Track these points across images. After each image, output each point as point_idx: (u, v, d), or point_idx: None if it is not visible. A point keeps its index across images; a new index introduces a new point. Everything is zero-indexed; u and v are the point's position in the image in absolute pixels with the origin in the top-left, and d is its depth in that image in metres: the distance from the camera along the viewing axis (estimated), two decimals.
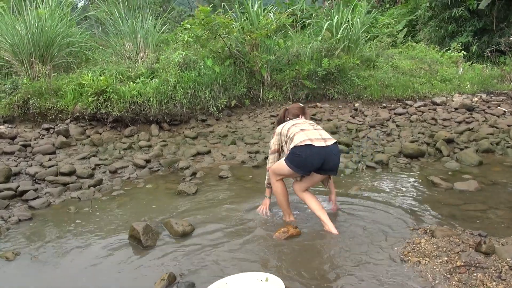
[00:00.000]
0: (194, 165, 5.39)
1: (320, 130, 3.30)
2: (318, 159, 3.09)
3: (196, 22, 7.76)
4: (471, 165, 4.88)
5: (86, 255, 3.01)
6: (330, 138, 3.21)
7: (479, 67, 9.72)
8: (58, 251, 3.09)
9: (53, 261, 2.93)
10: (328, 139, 3.18)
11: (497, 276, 2.39)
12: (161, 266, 2.76)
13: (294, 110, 3.68)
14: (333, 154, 3.16)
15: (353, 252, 2.88)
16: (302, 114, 3.66)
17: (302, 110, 3.71)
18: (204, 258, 2.85)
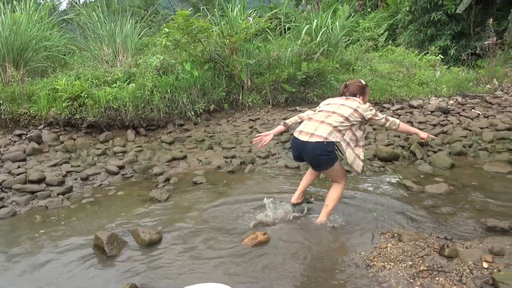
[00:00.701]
0: (169, 170, 5.32)
1: (322, 124, 3.20)
2: (295, 151, 3.38)
3: (175, 26, 7.70)
4: (444, 168, 4.92)
5: (47, 267, 2.92)
6: (320, 135, 3.13)
7: (456, 70, 9.88)
8: (17, 263, 3.00)
9: (11, 274, 2.84)
10: (317, 135, 3.14)
11: (458, 280, 2.40)
12: (123, 277, 2.70)
13: (353, 87, 3.44)
14: (308, 150, 3.17)
15: (319, 257, 2.86)
16: (360, 95, 3.42)
17: (361, 90, 3.44)
18: (169, 268, 2.80)
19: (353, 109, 3.24)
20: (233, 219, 3.61)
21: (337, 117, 3.20)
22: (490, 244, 2.76)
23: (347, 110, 3.24)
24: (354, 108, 3.25)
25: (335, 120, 3.19)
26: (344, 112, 3.23)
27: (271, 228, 3.36)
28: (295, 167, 5.22)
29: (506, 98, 8.08)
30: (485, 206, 3.67)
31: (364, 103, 3.37)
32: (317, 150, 3.13)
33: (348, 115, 3.21)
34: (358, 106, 3.27)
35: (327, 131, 3.15)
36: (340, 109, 3.26)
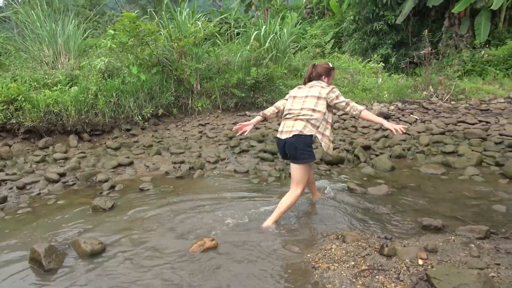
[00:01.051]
0: (114, 177, 5.14)
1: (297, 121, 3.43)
2: (280, 150, 3.63)
3: (121, 28, 7.48)
4: (385, 170, 5.18)
5: None
6: (295, 130, 3.39)
7: (396, 77, 10.45)
8: None
9: None
10: (293, 131, 3.41)
11: (396, 277, 2.52)
12: None
13: (320, 68, 3.66)
14: (289, 144, 3.43)
15: (267, 261, 2.89)
16: (326, 76, 3.67)
17: (326, 72, 3.67)
18: (112, 279, 2.69)
19: (316, 97, 3.48)
20: (180, 226, 3.55)
21: (307, 112, 3.45)
22: (425, 242, 2.94)
23: (311, 101, 3.48)
24: (317, 96, 3.48)
25: (306, 114, 3.44)
26: (310, 105, 3.47)
27: (219, 234, 3.35)
28: (244, 172, 5.25)
29: (441, 104, 8.67)
30: (421, 206, 3.90)
31: (328, 84, 3.61)
32: (295, 144, 3.40)
33: (314, 106, 3.45)
34: (320, 91, 3.50)
35: (302, 125, 3.42)
36: (306, 103, 3.50)
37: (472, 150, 5.52)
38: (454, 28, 12.51)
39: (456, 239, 2.97)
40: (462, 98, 9.15)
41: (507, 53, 11.01)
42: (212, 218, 3.68)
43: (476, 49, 11.64)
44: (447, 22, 12.72)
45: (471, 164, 5.07)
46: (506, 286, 2.27)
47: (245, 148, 6.13)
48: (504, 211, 3.62)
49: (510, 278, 2.36)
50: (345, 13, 16.78)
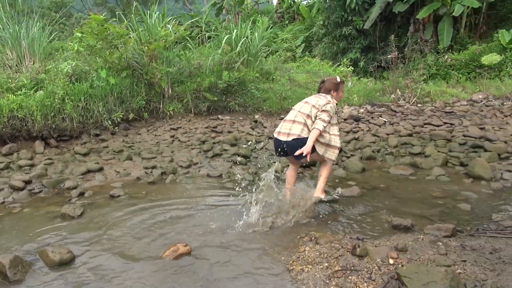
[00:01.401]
0: (83, 184, 5.00)
1: (294, 124, 3.76)
2: (276, 149, 3.91)
3: (88, 31, 7.30)
4: (356, 172, 5.29)
5: None
6: (294, 133, 3.70)
7: (365, 81, 10.71)
8: None
9: None
10: (292, 134, 3.71)
11: (368, 277, 2.58)
12: None
13: (328, 84, 3.97)
14: (290, 147, 3.72)
15: (242, 265, 2.89)
16: (334, 91, 3.95)
17: (335, 86, 3.96)
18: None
19: (311, 105, 3.78)
20: (152, 233, 3.50)
21: (302, 116, 3.76)
22: (396, 242, 3.02)
23: (307, 107, 3.79)
24: (312, 105, 3.78)
25: (301, 118, 3.75)
26: (305, 110, 3.78)
27: (193, 239, 3.32)
28: (217, 176, 5.22)
29: (408, 107, 8.95)
30: (391, 206, 4.00)
31: (337, 98, 3.99)
32: (297, 145, 3.66)
33: (308, 112, 3.75)
34: (318, 102, 3.78)
35: (299, 129, 3.72)
36: (302, 108, 3.82)
37: (438, 151, 5.72)
38: (419, 34, 12.95)
39: (425, 238, 3.07)
40: (428, 101, 9.48)
41: (469, 58, 11.50)
42: (186, 223, 3.65)
43: (440, 53, 12.10)
44: (412, 27, 13.16)
45: (437, 165, 5.25)
46: (472, 282, 2.36)
47: (218, 152, 6.11)
48: (469, 210, 3.77)
49: (475, 274, 2.46)
50: (315, 18, 17.07)
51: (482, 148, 5.69)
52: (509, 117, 7.63)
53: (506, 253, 2.71)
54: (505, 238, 2.98)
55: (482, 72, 11.16)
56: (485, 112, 8.18)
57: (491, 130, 6.63)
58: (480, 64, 11.18)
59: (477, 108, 8.69)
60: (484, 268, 2.53)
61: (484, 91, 9.98)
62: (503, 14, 13.24)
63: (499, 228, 3.23)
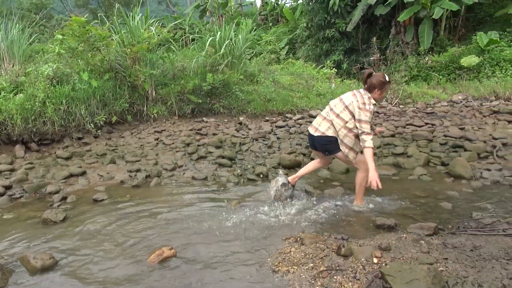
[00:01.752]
0: (66, 188, 4.92)
1: (324, 120, 3.89)
2: (309, 141, 4.14)
3: (70, 33, 7.20)
4: (340, 173, 5.34)
5: None
6: (320, 130, 3.87)
7: (348, 82, 10.83)
8: None
9: None
10: (319, 131, 3.88)
11: (353, 276, 2.61)
12: None
13: (375, 80, 3.69)
14: (316, 141, 3.96)
15: (227, 267, 2.88)
16: (379, 89, 3.71)
17: (380, 85, 3.69)
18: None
19: (344, 106, 3.76)
20: (137, 236, 3.46)
21: (332, 115, 3.82)
22: (379, 241, 3.06)
23: (339, 107, 3.80)
24: (345, 105, 3.76)
25: (332, 117, 3.82)
26: (337, 110, 3.81)
27: (178, 242, 3.30)
28: (202, 178, 5.20)
29: (390, 108, 9.09)
30: (375, 206, 4.05)
31: (379, 97, 3.78)
32: (321, 142, 3.89)
33: (339, 112, 3.78)
34: (352, 103, 3.70)
35: (326, 127, 3.86)
36: (335, 107, 3.84)
37: (420, 151, 5.83)
38: (400, 36, 13.18)
39: (408, 237, 3.12)
40: (410, 102, 9.64)
41: (448, 59, 11.75)
42: (171, 226, 3.63)
43: (420, 55, 12.33)
44: (394, 30, 13.39)
45: (420, 165, 5.35)
46: (454, 279, 2.42)
47: (203, 155, 6.09)
48: (450, 208, 3.85)
49: (457, 271, 2.52)
50: (298, 20, 17.21)
51: (462, 148, 5.82)
52: (487, 117, 7.82)
53: (486, 250, 2.78)
54: (485, 236, 3.05)
55: (462, 74, 11.42)
56: (465, 113, 8.37)
57: (470, 130, 6.79)
58: (460, 66, 11.44)
59: (457, 108, 8.88)
60: (465, 265, 2.59)
61: (463, 92, 10.21)
62: (481, 17, 13.59)
63: (479, 226, 3.31)
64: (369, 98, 3.70)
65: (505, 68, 10.80)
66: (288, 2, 21.08)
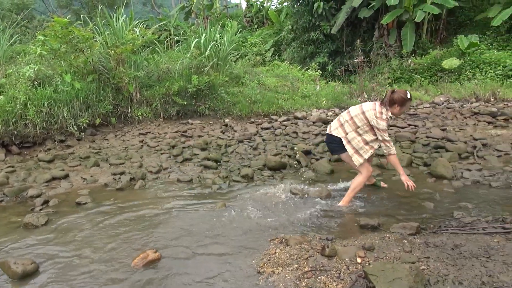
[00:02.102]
0: (48, 192, 4.84)
1: (336, 121, 4.12)
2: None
3: (52, 34, 7.10)
4: (325, 174, 5.38)
5: None
6: (330, 129, 4.14)
7: (333, 84, 10.93)
8: None
9: None
10: (330, 131, 4.13)
11: (337, 276, 2.63)
12: None
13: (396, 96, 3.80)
14: (326, 140, 4.28)
15: (212, 269, 2.88)
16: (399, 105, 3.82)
17: (401, 101, 3.80)
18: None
19: (361, 111, 3.89)
20: (121, 240, 3.43)
21: (346, 116, 4.00)
22: (363, 241, 3.10)
23: (356, 111, 3.94)
24: (363, 111, 3.88)
25: (344, 118, 4.00)
26: (352, 112, 3.96)
27: (163, 245, 3.28)
28: (187, 181, 5.18)
29: None
30: (359, 206, 4.10)
31: (398, 112, 3.87)
32: (328, 140, 4.16)
33: (354, 115, 3.93)
34: (369, 111, 3.84)
35: (335, 127, 4.06)
36: (352, 110, 3.98)
37: (403, 152, 5.91)
38: (384, 38, 13.36)
39: (391, 236, 3.17)
40: None
41: (430, 62, 11.96)
42: (155, 229, 3.60)
43: (403, 58, 12.51)
44: (377, 32, 13.56)
45: (403, 165, 5.41)
46: (435, 277, 2.46)
47: (188, 157, 6.07)
48: (432, 208, 3.92)
49: (438, 269, 2.56)
50: (283, 22, 17.29)
51: (444, 149, 5.93)
52: (468, 118, 7.98)
53: (466, 248, 2.84)
54: (465, 234, 3.12)
55: (443, 76, 11.63)
56: (447, 114, 8.53)
57: (452, 131, 6.92)
58: (441, 68, 11.65)
59: (439, 110, 9.04)
60: (446, 263, 2.64)
61: (445, 94, 10.39)
62: (462, 20, 13.87)
63: (460, 225, 3.37)
64: (387, 110, 3.86)
65: (485, 70, 11.05)
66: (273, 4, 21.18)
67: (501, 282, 2.34)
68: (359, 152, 3.98)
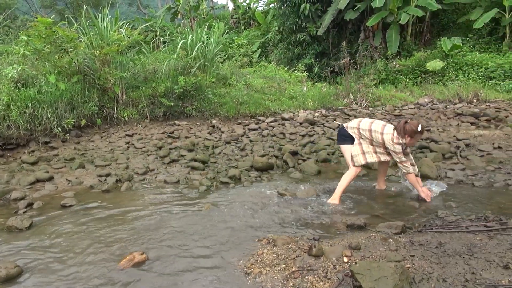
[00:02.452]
0: (32, 194, 4.76)
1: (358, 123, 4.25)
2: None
3: (35, 34, 6.99)
4: (312, 174, 5.42)
5: None
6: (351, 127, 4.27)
7: (319, 86, 11.01)
8: None
9: None
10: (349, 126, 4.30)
11: (324, 276, 2.65)
12: None
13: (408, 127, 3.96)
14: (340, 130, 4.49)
15: (199, 271, 2.87)
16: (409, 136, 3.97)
17: (412, 133, 3.95)
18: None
19: (381, 132, 4.05)
20: (107, 242, 3.39)
21: (366, 126, 4.15)
22: (350, 240, 3.13)
23: (377, 127, 4.09)
24: (382, 132, 4.04)
25: (363, 127, 4.16)
26: (373, 127, 4.11)
27: (149, 247, 3.26)
28: (174, 182, 5.15)
29: (360, 110, 9.30)
30: (345, 206, 4.14)
31: (409, 143, 4.05)
32: (340, 131, 4.42)
33: (373, 130, 4.09)
34: (388, 134, 4.01)
35: (353, 126, 4.25)
36: (373, 125, 4.14)
37: None
38: (369, 40, 13.52)
39: (377, 236, 3.21)
40: (379, 105, 9.90)
41: (415, 64, 12.15)
42: (142, 231, 3.57)
43: (388, 59, 12.69)
44: (363, 34, 13.72)
45: (388, 166, 5.49)
46: (420, 275, 2.50)
47: (175, 158, 6.04)
48: (417, 207, 3.98)
49: (423, 267, 2.61)
50: (270, 24, 17.35)
51: (428, 149, 6.03)
52: (452, 119, 8.13)
53: (450, 246, 2.89)
54: (449, 233, 3.18)
55: (427, 77, 11.83)
56: (431, 115, 8.68)
57: (436, 132, 7.05)
58: (425, 70, 11.85)
59: (423, 111, 9.20)
60: (431, 261, 2.68)
61: (429, 95, 10.58)
62: (445, 23, 14.13)
63: (444, 223, 3.44)
64: (398, 138, 4.00)
65: (467, 72, 11.28)
66: (260, 5, 21.23)
67: (484, 279, 2.39)
68: (364, 155, 4.16)
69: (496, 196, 4.20)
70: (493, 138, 6.60)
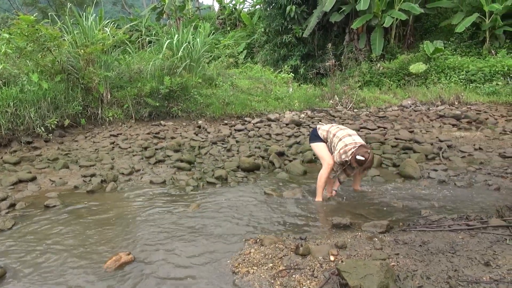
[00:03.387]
0: (14, 195, 4.67)
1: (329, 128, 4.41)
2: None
3: (18, 32, 6.86)
4: (298, 175, 5.46)
5: None
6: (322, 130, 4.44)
7: (305, 87, 11.09)
8: None
9: None
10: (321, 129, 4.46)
11: (311, 274, 2.68)
12: None
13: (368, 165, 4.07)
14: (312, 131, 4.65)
15: (187, 271, 2.86)
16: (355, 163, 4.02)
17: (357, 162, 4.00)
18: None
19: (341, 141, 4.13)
20: (92, 243, 3.36)
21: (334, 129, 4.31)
22: (336, 239, 3.17)
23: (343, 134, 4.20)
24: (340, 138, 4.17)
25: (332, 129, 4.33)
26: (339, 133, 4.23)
27: (136, 247, 3.24)
28: (160, 182, 5.12)
29: (345, 111, 9.41)
30: (331, 206, 4.19)
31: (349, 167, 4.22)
32: (312, 132, 4.56)
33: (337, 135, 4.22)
34: (340, 147, 4.08)
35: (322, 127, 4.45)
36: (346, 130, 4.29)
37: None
38: (354, 43, 13.68)
39: (362, 235, 3.25)
40: (363, 106, 10.02)
41: (398, 66, 12.35)
42: (128, 231, 3.55)
43: (373, 62, 12.86)
44: (348, 37, 13.87)
45: (373, 166, 5.57)
46: (404, 273, 2.55)
47: (161, 158, 6.00)
48: (401, 207, 4.06)
49: (407, 265, 2.66)
50: (256, 25, 17.38)
51: (412, 150, 6.14)
52: (434, 121, 8.30)
53: (433, 245, 2.96)
54: (432, 232, 3.25)
55: (411, 80, 12.03)
56: (414, 117, 8.83)
57: (419, 133, 7.18)
58: (409, 72, 12.05)
59: (406, 113, 9.35)
60: (415, 259, 2.74)
61: (412, 97, 10.76)
62: (428, 26, 14.40)
63: (427, 222, 3.51)
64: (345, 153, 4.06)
65: (449, 75, 11.51)
66: (246, 7, 21.26)
67: (466, 276, 2.45)
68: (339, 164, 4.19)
69: (477, 196, 4.31)
70: (474, 140, 6.77)
